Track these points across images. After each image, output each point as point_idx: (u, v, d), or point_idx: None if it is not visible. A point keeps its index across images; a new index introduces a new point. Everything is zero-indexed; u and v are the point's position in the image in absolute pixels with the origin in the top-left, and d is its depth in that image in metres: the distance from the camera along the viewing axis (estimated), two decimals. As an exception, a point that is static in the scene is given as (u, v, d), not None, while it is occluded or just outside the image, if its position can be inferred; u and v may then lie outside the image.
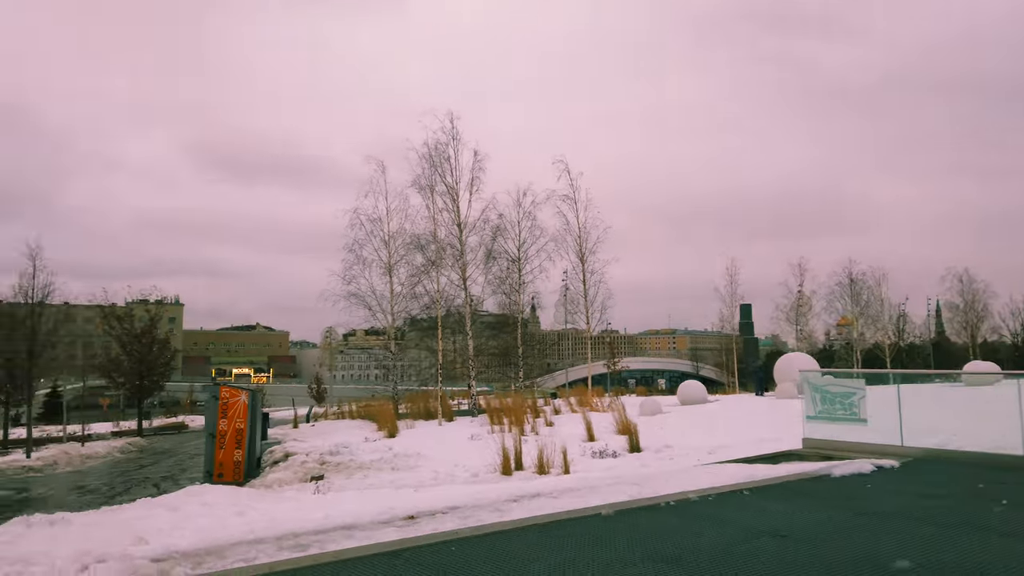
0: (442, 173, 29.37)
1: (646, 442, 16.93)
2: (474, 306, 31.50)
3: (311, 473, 15.45)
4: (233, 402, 17.67)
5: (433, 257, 29.47)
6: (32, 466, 21.39)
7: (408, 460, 16.69)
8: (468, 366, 30.50)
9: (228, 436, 17.38)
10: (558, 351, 78.12)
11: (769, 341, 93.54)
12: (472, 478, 14.54)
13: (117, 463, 23.39)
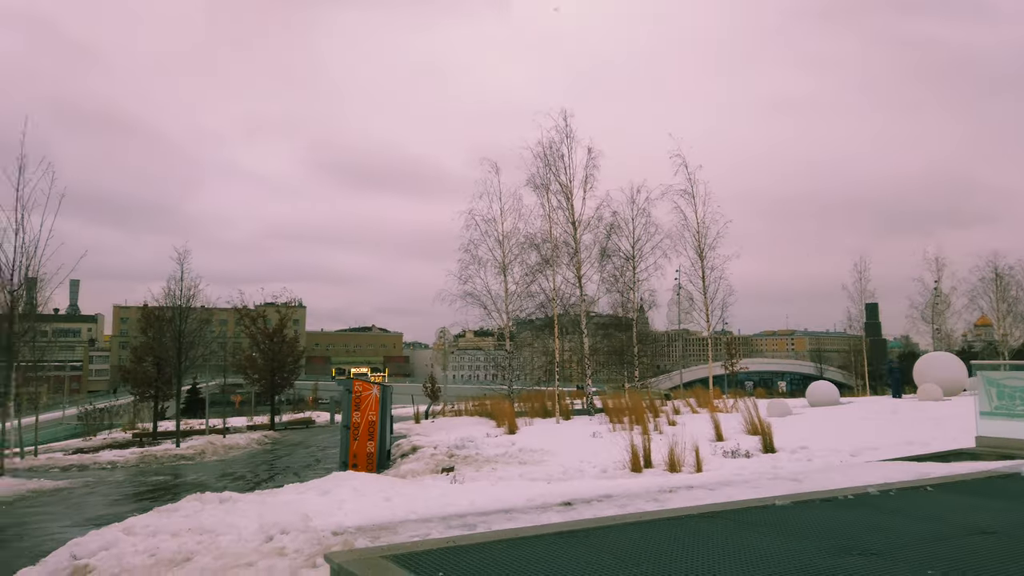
0: (556, 171, 29.37)
1: (780, 442, 16.17)
2: (587, 305, 31.29)
3: (442, 465, 15.76)
4: (365, 396, 18.33)
5: (548, 256, 29.50)
6: (183, 455, 23.03)
7: (534, 455, 16.73)
8: (584, 365, 30.33)
9: (362, 428, 18.05)
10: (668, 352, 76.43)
11: (898, 343, 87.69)
12: (601, 474, 14.35)
13: (256, 454, 24.81)
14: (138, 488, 16.02)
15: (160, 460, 22.08)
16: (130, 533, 6.98)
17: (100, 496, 14.85)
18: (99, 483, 17.16)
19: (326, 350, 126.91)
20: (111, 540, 6.77)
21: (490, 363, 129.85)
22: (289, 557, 4.64)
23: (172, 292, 28.50)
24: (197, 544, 5.03)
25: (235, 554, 4.77)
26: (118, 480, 17.81)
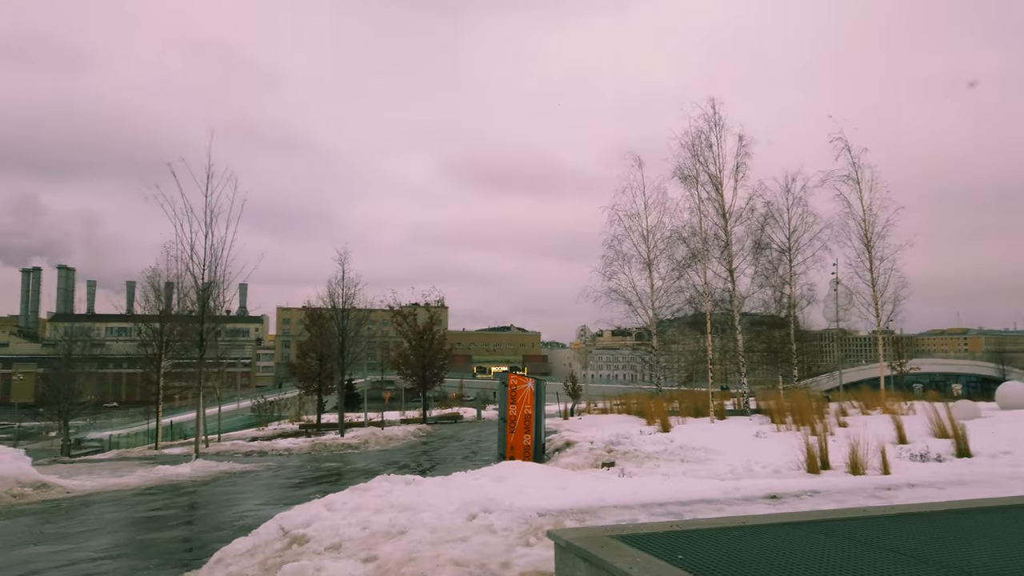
0: (704, 161, 28.30)
1: (976, 447, 14.61)
2: (740, 301, 29.91)
3: (601, 460, 15.56)
4: (521, 389, 18.51)
5: (697, 249, 28.50)
6: (349, 444, 24.34)
7: (695, 453, 16.13)
8: (739, 363, 29.02)
9: (518, 421, 18.25)
10: (825, 351, 71.81)
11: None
12: (774, 474, 13.55)
13: (414, 445, 25.78)
14: (315, 472, 17.02)
15: (329, 448, 23.44)
16: (331, 509, 7.32)
17: (283, 478, 15.93)
18: (280, 467, 18.43)
19: (467, 349, 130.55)
20: (315, 514, 7.12)
21: (629, 362, 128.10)
22: (499, 535, 4.62)
23: (333, 292, 30.27)
24: (406, 520, 5.13)
25: (446, 528, 4.82)
26: (296, 465, 19.05)
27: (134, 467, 18.68)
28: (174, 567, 7.55)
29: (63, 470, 17.27)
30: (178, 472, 16.44)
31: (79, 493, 13.33)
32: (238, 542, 7.13)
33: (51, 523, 10.36)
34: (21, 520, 10.67)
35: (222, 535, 9.15)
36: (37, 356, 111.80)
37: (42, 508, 11.76)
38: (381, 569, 4.08)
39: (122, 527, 10.35)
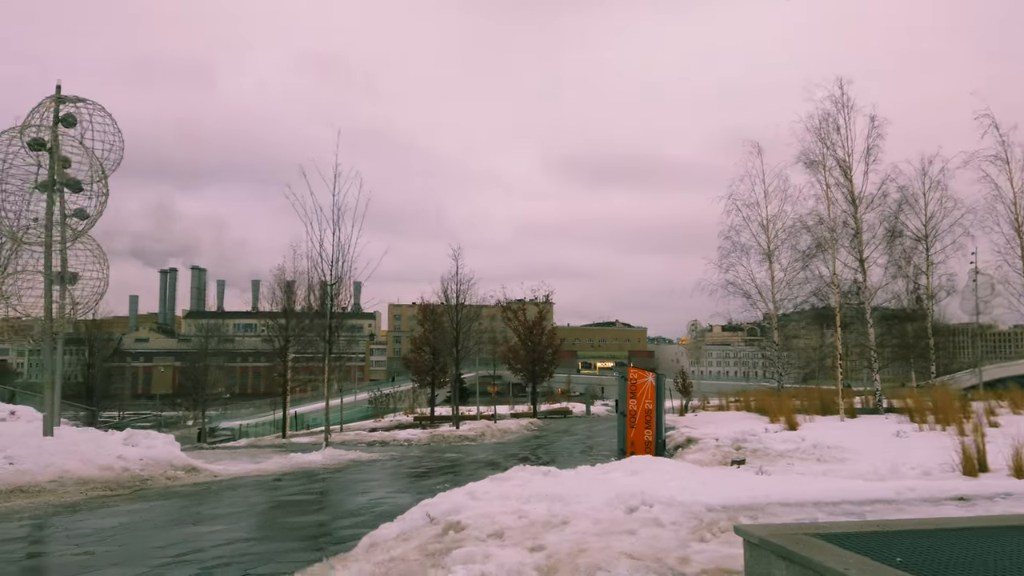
0: (831, 145, 26.73)
1: None
2: (871, 292, 28.08)
3: (730, 457, 14.99)
4: (641, 383, 18.16)
5: (823, 239, 26.97)
6: (466, 436, 24.71)
7: (831, 452, 15.25)
8: (870, 359, 27.30)
9: (638, 416, 17.92)
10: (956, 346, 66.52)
11: None
12: (923, 476, 12.53)
13: (528, 438, 25.85)
14: (438, 462, 17.33)
15: (447, 439, 23.88)
16: (475, 497, 7.32)
17: (408, 467, 16.30)
18: (403, 457, 18.90)
19: (571, 345, 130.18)
20: (459, 503, 7.14)
21: (741, 358, 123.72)
22: (668, 529, 4.41)
23: (447, 287, 30.84)
24: (567, 511, 5.00)
25: (609, 520, 4.66)
26: (417, 455, 19.49)
27: (269, 454, 19.68)
28: (322, 549, 7.79)
29: (206, 455, 18.43)
30: (310, 460, 17.15)
31: (225, 477, 14.15)
32: (385, 527, 7.26)
33: (204, 504, 11.01)
34: (177, 501, 11.40)
35: (362, 520, 9.40)
36: (174, 351, 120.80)
37: (194, 490, 12.54)
38: (552, 559, 3.96)
39: (268, 510, 10.85)
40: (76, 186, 13.45)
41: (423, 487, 12.84)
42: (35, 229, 13.16)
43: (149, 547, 8.02)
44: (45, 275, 13.13)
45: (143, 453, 13.82)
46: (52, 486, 11.47)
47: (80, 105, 13.45)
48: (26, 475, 11.41)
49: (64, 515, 9.85)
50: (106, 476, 12.35)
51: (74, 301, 13.60)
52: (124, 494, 11.83)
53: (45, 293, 13.30)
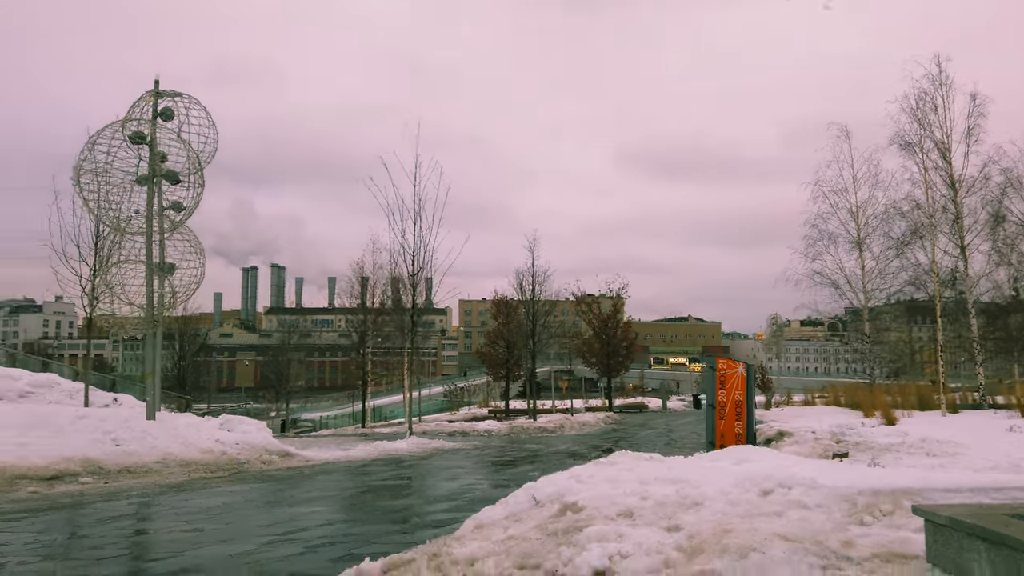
0: (928, 126, 25.20)
1: None
2: (972, 282, 26.37)
3: (831, 450, 14.25)
4: (731, 374, 17.53)
5: (921, 224, 25.47)
6: (545, 428, 24.51)
7: (940, 447, 14.29)
8: (972, 351, 25.65)
9: (728, 407, 17.30)
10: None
11: None
12: (1053, 472, 11.66)
13: (607, 431, 25.45)
14: (521, 452, 17.18)
15: (526, 431, 23.74)
16: (580, 481, 7.07)
17: (492, 456, 16.20)
18: (485, 447, 18.84)
19: (643, 340, 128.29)
20: (565, 486, 6.90)
21: (821, 353, 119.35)
22: (816, 511, 4.05)
23: (522, 279, 30.63)
24: (696, 493, 4.69)
25: (747, 502, 4.32)
26: (499, 445, 19.40)
27: (354, 442, 19.96)
28: (424, 529, 7.69)
29: (295, 443, 18.83)
30: (396, 447, 17.28)
31: (317, 462, 14.36)
32: (489, 510, 7.09)
33: (299, 487, 11.14)
34: (274, 484, 11.59)
35: (456, 504, 9.30)
36: (256, 345, 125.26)
37: (288, 474, 12.75)
38: (695, 540, 3.68)
39: (361, 493, 10.90)
40: (174, 178, 13.91)
41: (511, 474, 12.69)
42: (136, 220, 13.67)
43: (253, 526, 8.11)
44: (147, 264, 13.63)
45: (239, 438, 14.16)
46: (157, 467, 11.86)
47: (177, 99, 13.91)
48: (133, 456, 11.83)
49: (170, 494, 10.12)
50: (206, 459, 12.69)
51: (173, 290, 14.07)
52: (224, 476, 12.12)
53: (147, 282, 13.81)
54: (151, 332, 13.74)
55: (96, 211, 13.43)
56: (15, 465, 10.21)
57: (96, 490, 10.27)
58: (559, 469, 13.33)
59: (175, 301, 14.27)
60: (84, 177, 13.16)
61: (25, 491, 9.80)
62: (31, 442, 10.95)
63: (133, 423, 13.13)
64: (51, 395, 19.98)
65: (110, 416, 13.50)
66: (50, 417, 12.31)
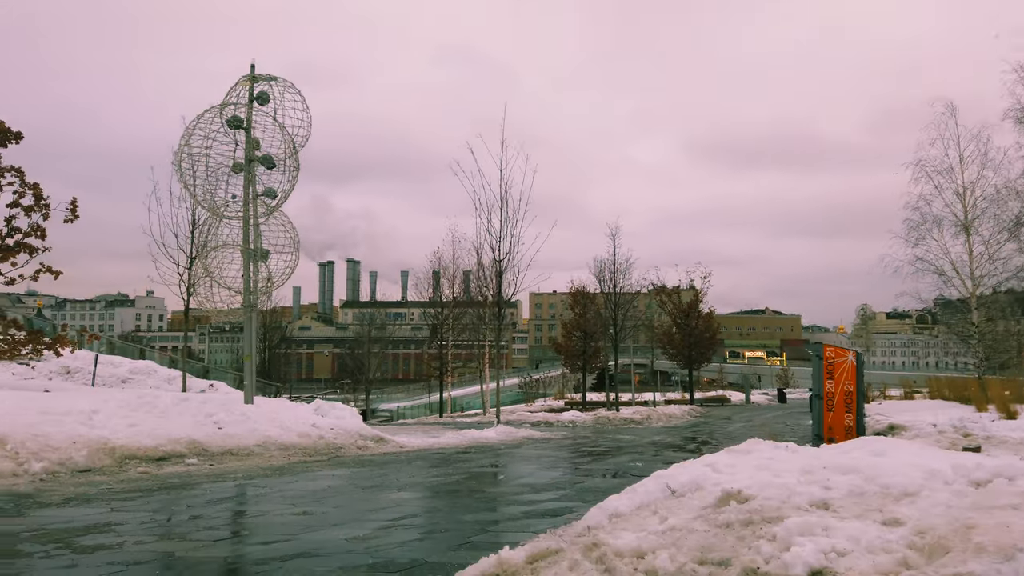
0: (1049, 96, 23.10)
1: None
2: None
3: (959, 444, 13.12)
4: (840, 363, 16.41)
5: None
6: (632, 419, 23.79)
7: (1084, 442, 13.01)
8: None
9: (836, 398, 16.21)
10: None
11: None
12: None
13: (695, 423, 24.53)
14: (615, 443, 16.56)
15: (612, 422, 23.09)
16: (716, 470, 6.49)
17: (586, 446, 15.64)
18: (575, 437, 18.30)
19: (719, 332, 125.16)
20: (700, 473, 6.34)
21: (909, 347, 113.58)
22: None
23: (602, 268, 29.80)
24: (907, 482, 4.01)
25: (966, 494, 3.63)
26: (588, 436, 18.82)
27: (440, 431, 19.77)
28: (540, 518, 7.23)
29: (386, 430, 18.71)
30: (485, 436, 16.93)
31: (411, 449, 14.14)
32: (615, 499, 6.54)
33: (400, 473, 10.85)
34: (374, 468, 11.36)
35: (565, 494, 8.79)
36: (332, 338, 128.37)
37: (385, 459, 12.52)
38: (928, 535, 3.05)
39: (464, 479, 10.53)
40: (270, 162, 13.90)
41: (613, 463, 12.11)
42: (233, 205, 13.72)
43: (362, 510, 7.82)
44: (244, 249, 13.66)
45: (333, 423, 14.06)
46: (258, 450, 11.82)
47: (272, 83, 13.89)
48: (234, 439, 11.82)
49: (273, 477, 10.00)
50: (304, 443, 12.60)
51: (270, 274, 14.09)
52: (322, 460, 11.99)
53: (244, 267, 13.84)
54: (248, 316, 13.80)
55: (195, 195, 13.54)
56: (125, 445, 10.29)
57: (202, 471, 10.24)
58: (660, 460, 12.67)
59: (271, 286, 14.29)
60: (184, 162, 13.29)
61: (135, 471, 9.84)
62: (139, 422, 11.05)
63: (233, 407, 13.17)
64: (149, 381, 20.57)
65: (210, 400, 13.61)
66: (155, 400, 12.45)
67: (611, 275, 29.40)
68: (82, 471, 9.53)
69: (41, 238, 15.27)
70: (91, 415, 10.83)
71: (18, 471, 8.87)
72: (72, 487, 8.70)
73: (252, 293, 13.79)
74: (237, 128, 13.71)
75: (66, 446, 9.65)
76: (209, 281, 13.86)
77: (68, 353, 17.64)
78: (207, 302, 14.06)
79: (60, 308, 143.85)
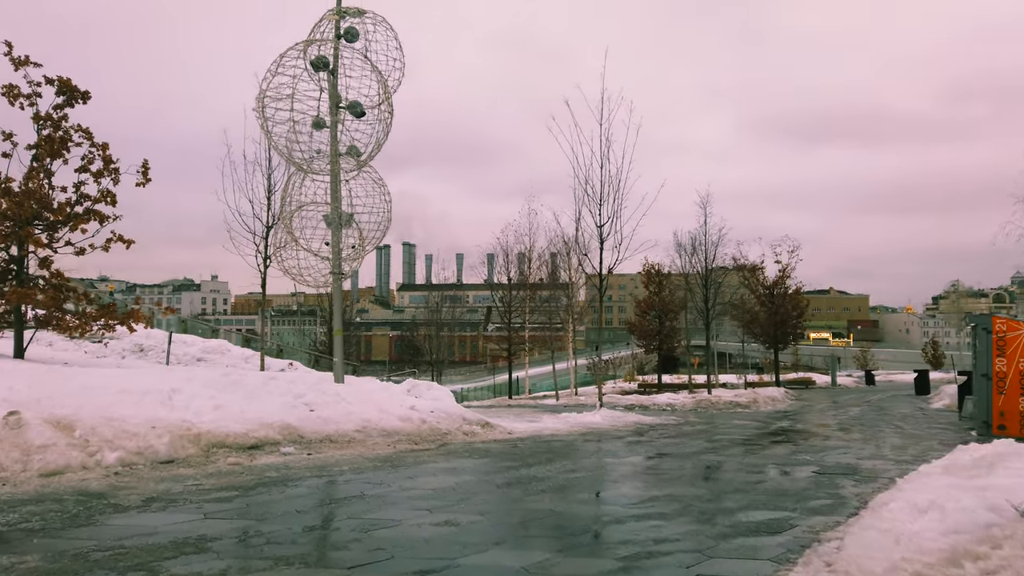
0: None
1: None
2: None
3: None
4: (1012, 338, 13.86)
5: None
6: (738, 402, 21.50)
7: None
8: None
9: (1010, 379, 13.67)
10: None
11: None
12: None
13: (803, 408, 22.12)
14: (745, 430, 14.36)
15: (716, 405, 20.87)
16: None
17: (720, 434, 13.50)
18: (690, 423, 16.18)
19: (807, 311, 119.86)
20: None
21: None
22: None
23: (695, 241, 27.14)
24: None
25: None
26: (704, 422, 16.67)
27: (531, 414, 17.89)
28: (755, 536, 5.20)
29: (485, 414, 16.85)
30: (592, 421, 14.98)
31: (522, 435, 12.23)
32: (907, 521, 4.49)
33: (527, 465, 8.92)
34: (495, 460, 9.47)
35: (755, 498, 6.71)
36: (389, 320, 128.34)
37: (500, 448, 10.64)
38: None
39: (616, 480, 8.57)
40: (359, 110, 12.05)
41: (780, 458, 9.94)
42: (319, 160, 11.96)
43: (516, 520, 5.93)
44: (332, 208, 11.88)
45: (432, 405, 12.27)
46: (359, 436, 10.05)
47: (364, 18, 12.00)
48: (331, 423, 10.09)
49: (385, 470, 8.19)
50: (407, 428, 10.81)
51: (361, 235, 12.28)
52: (431, 448, 10.17)
53: (333, 228, 12.09)
54: (336, 285, 12.06)
55: (278, 145, 11.77)
56: (211, 432, 8.62)
57: (301, 462, 8.50)
58: (825, 453, 10.48)
59: (363, 248, 12.48)
60: (268, 107, 11.51)
61: (225, 462, 8.16)
62: (225, 403, 9.39)
63: (324, 387, 11.47)
64: (224, 360, 19.23)
65: (299, 379, 11.94)
66: (242, 379, 10.82)
67: (703, 248, 26.63)
68: (163, 462, 7.88)
69: (112, 204, 13.78)
70: (171, 394, 9.20)
71: (89, 463, 7.25)
72: (153, 483, 7.03)
73: (341, 259, 12.05)
74: (323, 70, 11.89)
75: (144, 431, 8.02)
76: (295, 247, 12.13)
77: (141, 329, 16.27)
78: (294, 270, 12.34)
79: (130, 292, 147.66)
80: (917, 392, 30.46)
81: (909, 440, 12.67)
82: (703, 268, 26.86)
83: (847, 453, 10.31)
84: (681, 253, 31.18)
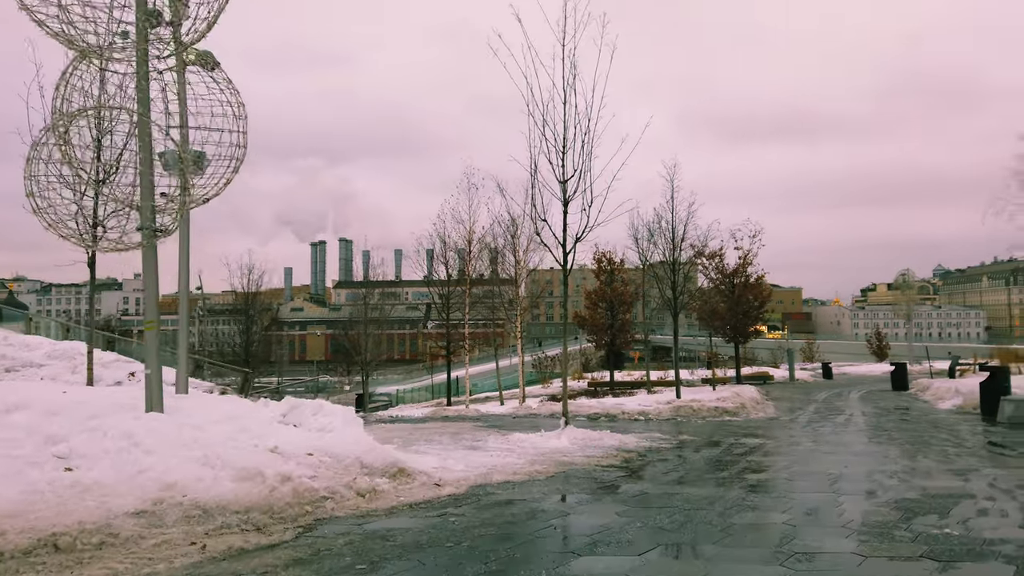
0: None
1: None
2: None
3: None
4: None
5: None
6: (724, 408, 17.15)
7: None
8: None
9: None
10: None
11: None
12: None
13: (791, 417, 18.17)
14: (791, 455, 10.01)
15: (699, 413, 16.56)
16: None
17: (753, 470, 9.07)
18: (680, 446, 11.74)
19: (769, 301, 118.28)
20: None
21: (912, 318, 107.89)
22: None
23: (661, 220, 22.76)
24: None
25: None
26: (706, 442, 12.28)
27: (473, 432, 13.21)
28: None
29: (391, 436, 11.97)
30: (556, 447, 10.41)
31: (456, 488, 7.41)
32: None
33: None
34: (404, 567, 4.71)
35: None
36: (325, 319, 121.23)
37: (420, 531, 5.85)
38: None
39: None
40: None
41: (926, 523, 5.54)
42: (122, 45, 6.91)
43: None
44: (140, 129, 6.85)
45: (314, 442, 7.43)
46: (139, 525, 5.07)
47: None
48: (92, 496, 5.13)
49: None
50: (249, 496, 5.89)
51: (189, 170, 7.10)
52: (281, 543, 5.31)
53: (143, 163, 7.08)
54: (148, 247, 7.01)
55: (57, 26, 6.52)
56: None
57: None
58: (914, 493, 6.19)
59: (192, 192, 7.31)
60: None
61: None
62: None
63: (117, 421, 6.47)
64: (54, 369, 13.85)
65: (81, 404, 6.86)
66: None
67: (671, 227, 22.11)
68: None
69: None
70: None
71: None
72: None
73: (154, 209, 6.98)
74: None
75: None
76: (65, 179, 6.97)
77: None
78: (57, 223, 7.15)
79: (45, 293, 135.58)
80: (894, 387, 27.19)
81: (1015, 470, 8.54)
82: (669, 252, 22.64)
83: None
84: (638, 239, 27.01)
